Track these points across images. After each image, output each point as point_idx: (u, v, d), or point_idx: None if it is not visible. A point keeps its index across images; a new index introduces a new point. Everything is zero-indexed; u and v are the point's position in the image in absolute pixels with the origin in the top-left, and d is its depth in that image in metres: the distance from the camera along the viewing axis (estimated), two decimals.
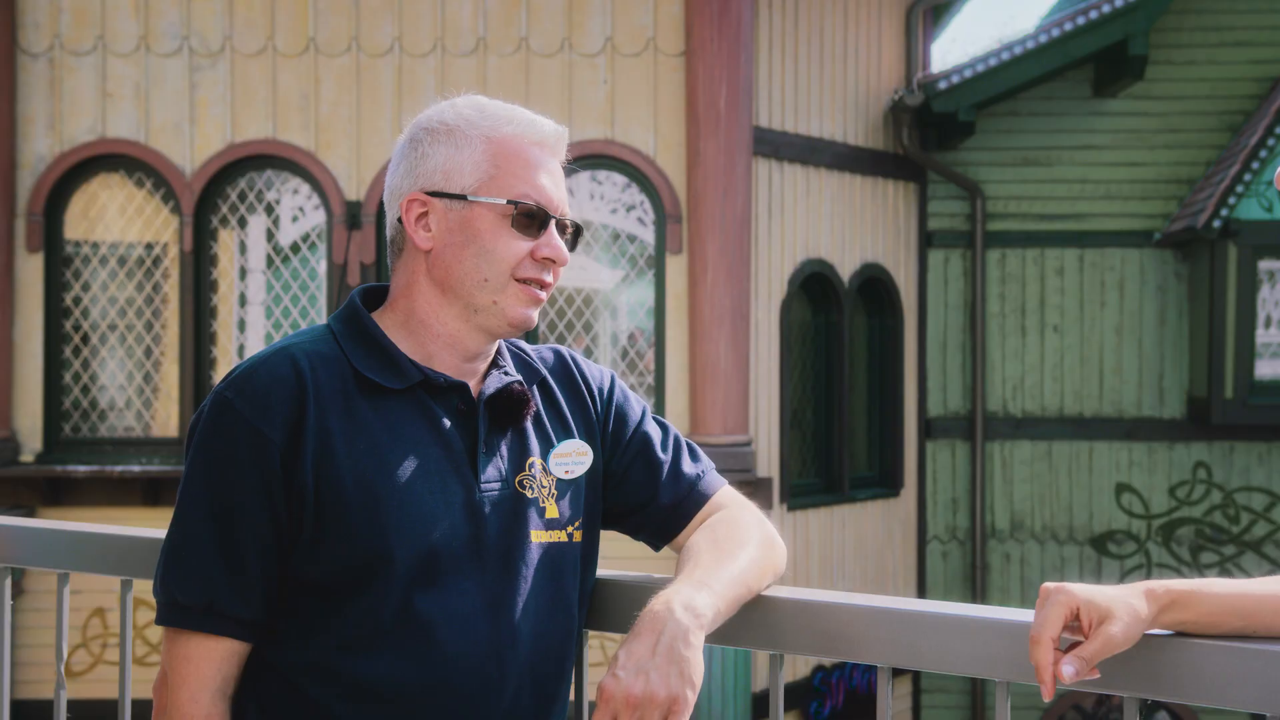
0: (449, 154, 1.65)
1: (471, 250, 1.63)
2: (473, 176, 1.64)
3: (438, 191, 1.65)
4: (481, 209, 1.63)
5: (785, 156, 8.63)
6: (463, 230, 1.64)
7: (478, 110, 1.67)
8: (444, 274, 1.65)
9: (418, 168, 1.67)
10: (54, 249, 8.01)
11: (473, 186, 1.64)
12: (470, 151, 1.65)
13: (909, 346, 9.88)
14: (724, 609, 1.60)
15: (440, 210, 1.65)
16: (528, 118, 1.67)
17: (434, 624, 1.58)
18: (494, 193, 1.64)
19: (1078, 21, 9.45)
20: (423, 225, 1.66)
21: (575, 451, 1.71)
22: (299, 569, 1.59)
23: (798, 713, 8.77)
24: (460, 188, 1.64)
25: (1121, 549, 10.01)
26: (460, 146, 1.65)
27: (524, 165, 1.65)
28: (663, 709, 1.47)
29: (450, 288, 1.65)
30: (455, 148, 1.65)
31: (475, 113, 1.67)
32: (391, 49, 7.96)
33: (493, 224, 1.63)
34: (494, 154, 1.65)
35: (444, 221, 1.65)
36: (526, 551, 1.64)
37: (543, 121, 1.68)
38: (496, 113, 1.67)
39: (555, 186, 1.67)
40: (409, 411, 1.63)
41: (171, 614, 1.59)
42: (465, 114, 1.67)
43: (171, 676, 1.59)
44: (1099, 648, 1.40)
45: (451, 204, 1.64)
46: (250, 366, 1.61)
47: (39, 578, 7.45)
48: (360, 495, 1.57)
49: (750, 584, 1.67)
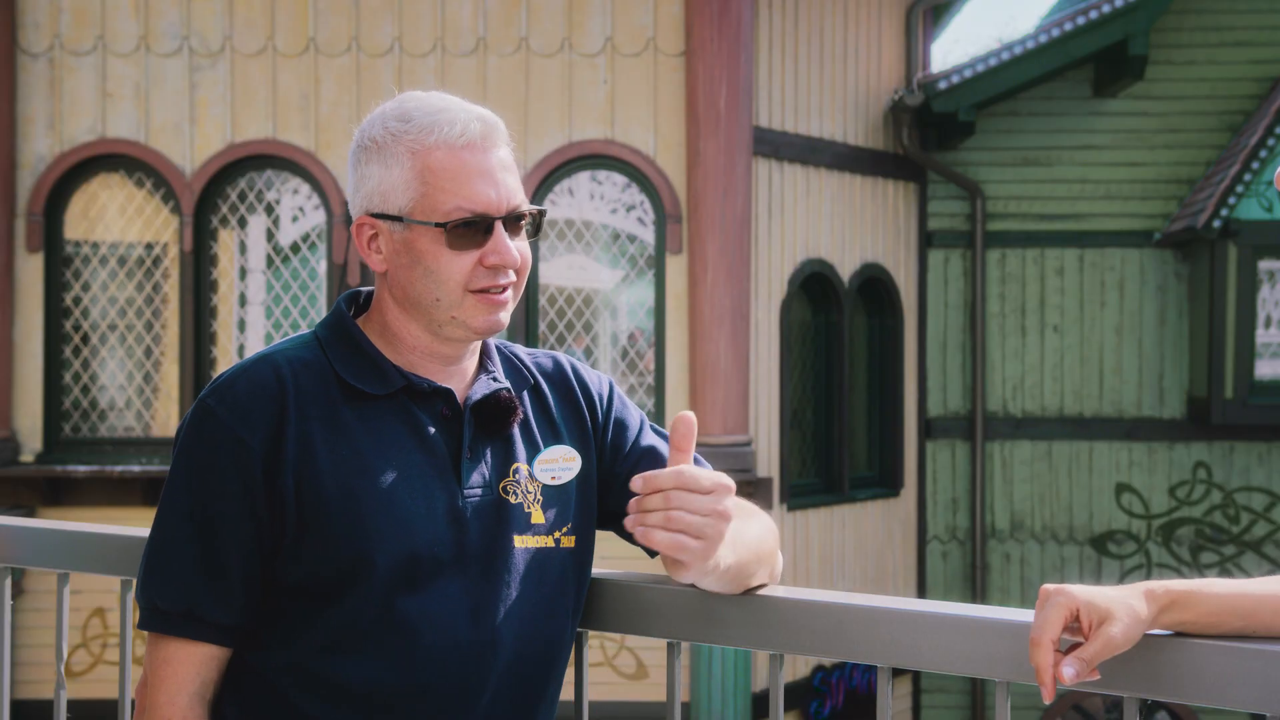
0: (382, 174, 1.62)
1: (419, 271, 1.61)
2: (405, 196, 1.60)
3: (379, 214, 1.63)
4: (419, 230, 1.60)
5: (785, 156, 8.63)
6: (407, 252, 1.61)
7: (403, 120, 1.61)
8: (401, 293, 1.64)
9: (361, 188, 1.65)
10: (54, 249, 8.01)
11: (407, 208, 1.60)
12: (399, 170, 1.61)
13: (909, 346, 9.88)
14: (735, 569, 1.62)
15: (386, 232, 1.63)
16: (450, 121, 1.60)
17: (415, 627, 1.58)
18: (426, 213, 1.59)
19: (1078, 21, 9.45)
20: (374, 248, 1.65)
21: (562, 458, 1.69)
22: (280, 574, 1.59)
23: (798, 713, 8.77)
24: (397, 209, 1.61)
25: (1121, 549, 10.01)
26: (389, 165, 1.61)
27: (452, 178, 1.59)
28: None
29: (410, 304, 1.64)
30: (385, 167, 1.62)
31: (400, 124, 1.61)
32: (391, 49, 7.96)
33: (431, 245, 1.60)
34: (420, 171, 1.60)
35: (390, 243, 1.63)
36: (510, 557, 1.64)
37: (469, 119, 1.61)
38: (420, 121, 1.61)
39: (494, 186, 1.61)
40: (392, 417, 1.63)
41: (152, 619, 1.60)
42: (391, 127, 1.62)
43: (151, 679, 1.60)
44: (1099, 649, 1.40)
45: (393, 225, 1.62)
46: (232, 375, 1.62)
47: (39, 578, 7.45)
48: (342, 500, 1.57)
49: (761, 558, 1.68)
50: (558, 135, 7.87)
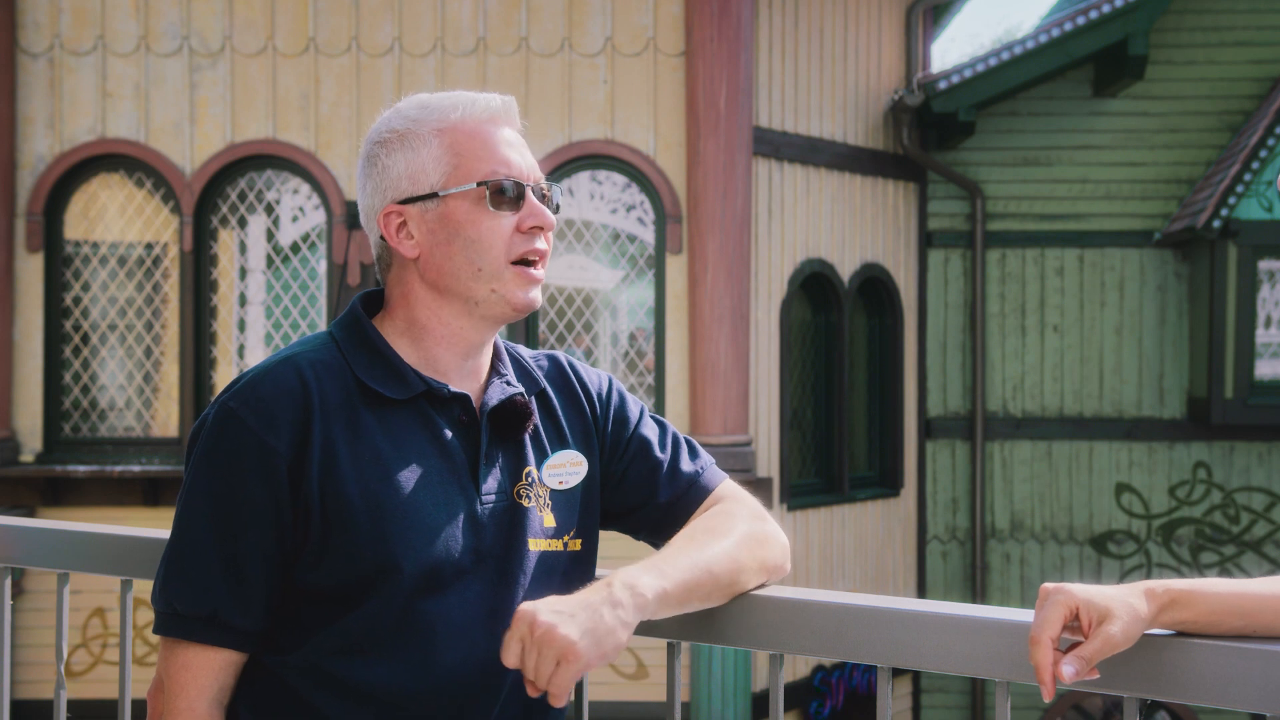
0: (408, 158, 1.64)
1: (458, 244, 1.63)
2: (437, 172, 1.64)
3: (408, 197, 1.65)
4: (455, 200, 1.63)
5: (785, 156, 8.63)
6: (444, 227, 1.63)
7: (421, 108, 1.67)
8: (436, 275, 1.65)
9: (383, 181, 1.66)
10: (54, 249, 8.01)
11: (440, 182, 1.63)
12: (427, 149, 1.64)
13: (909, 346, 9.88)
14: (674, 592, 1.58)
15: (416, 215, 1.64)
16: (470, 98, 1.66)
17: (434, 630, 1.58)
18: (462, 180, 1.63)
19: (1078, 21, 9.45)
20: (404, 234, 1.65)
21: (569, 462, 1.71)
22: (301, 578, 1.59)
23: (798, 713, 8.77)
24: (428, 186, 1.64)
25: (1121, 549, 10.01)
26: (416, 148, 1.64)
27: (482, 145, 1.64)
28: (558, 652, 1.45)
29: (446, 287, 1.65)
30: (412, 150, 1.64)
31: (419, 111, 1.66)
32: (391, 49, 7.96)
33: (470, 211, 1.63)
34: (449, 144, 1.64)
35: (423, 224, 1.64)
36: (525, 561, 1.65)
37: (487, 97, 1.67)
38: (440, 104, 1.66)
39: (520, 155, 1.66)
40: (411, 422, 1.63)
41: (171, 624, 1.59)
42: (410, 115, 1.66)
43: (169, 684, 1.59)
44: (1099, 647, 1.40)
45: (425, 205, 1.64)
46: (255, 376, 1.61)
47: (39, 578, 7.45)
48: (366, 507, 1.57)
49: (716, 573, 1.63)
50: (558, 135, 7.87)
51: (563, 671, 1.46)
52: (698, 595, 1.62)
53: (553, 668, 1.46)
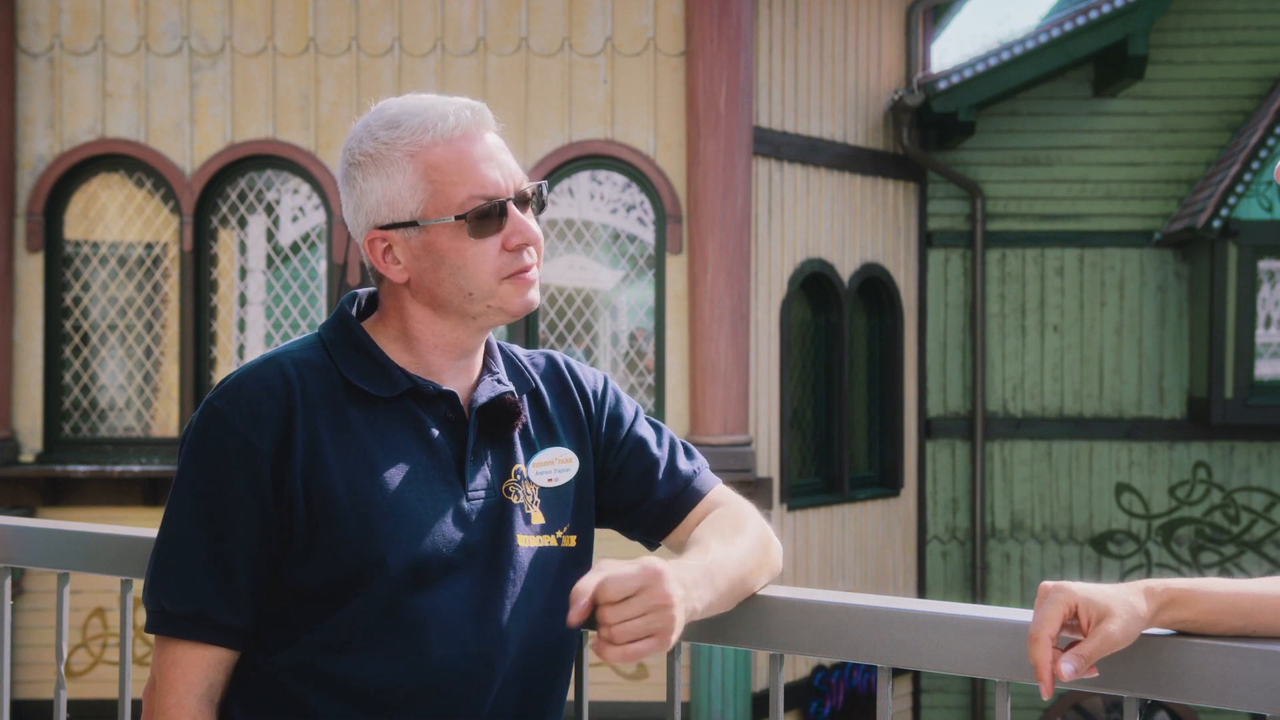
0: (384, 184, 1.61)
1: (445, 271, 1.61)
2: (414, 200, 1.60)
3: (389, 224, 1.62)
4: (436, 230, 1.60)
5: (785, 156, 8.63)
6: (429, 255, 1.61)
7: (391, 127, 1.61)
8: (429, 297, 1.64)
9: (362, 205, 1.63)
10: (54, 249, 8.01)
11: (418, 210, 1.60)
12: (402, 176, 1.60)
13: (909, 346, 9.88)
14: (715, 604, 1.59)
15: (400, 240, 1.62)
16: (440, 113, 1.60)
17: (423, 627, 1.59)
18: (441, 210, 1.59)
19: (1078, 21, 9.45)
20: (390, 259, 1.64)
21: (558, 459, 1.71)
22: (288, 575, 1.60)
23: (798, 713, 8.77)
24: (408, 214, 1.60)
25: (1121, 549, 10.01)
26: (390, 174, 1.60)
27: (457, 169, 1.59)
28: (663, 625, 1.45)
29: (440, 306, 1.64)
30: (387, 176, 1.61)
31: (390, 131, 1.61)
32: (391, 49, 7.96)
33: (452, 240, 1.60)
34: (423, 170, 1.59)
35: (408, 250, 1.62)
36: (514, 557, 1.65)
37: (457, 110, 1.61)
38: (410, 124, 1.60)
39: (497, 167, 1.61)
40: (397, 419, 1.63)
41: (160, 622, 1.61)
42: (381, 137, 1.61)
43: (160, 682, 1.61)
44: (1098, 645, 1.40)
45: (408, 232, 1.61)
46: (239, 376, 1.62)
47: (39, 578, 7.45)
48: (351, 502, 1.57)
49: (749, 582, 1.67)
50: (558, 135, 7.87)
51: (645, 645, 1.45)
52: (724, 605, 1.64)
53: (644, 634, 1.45)
